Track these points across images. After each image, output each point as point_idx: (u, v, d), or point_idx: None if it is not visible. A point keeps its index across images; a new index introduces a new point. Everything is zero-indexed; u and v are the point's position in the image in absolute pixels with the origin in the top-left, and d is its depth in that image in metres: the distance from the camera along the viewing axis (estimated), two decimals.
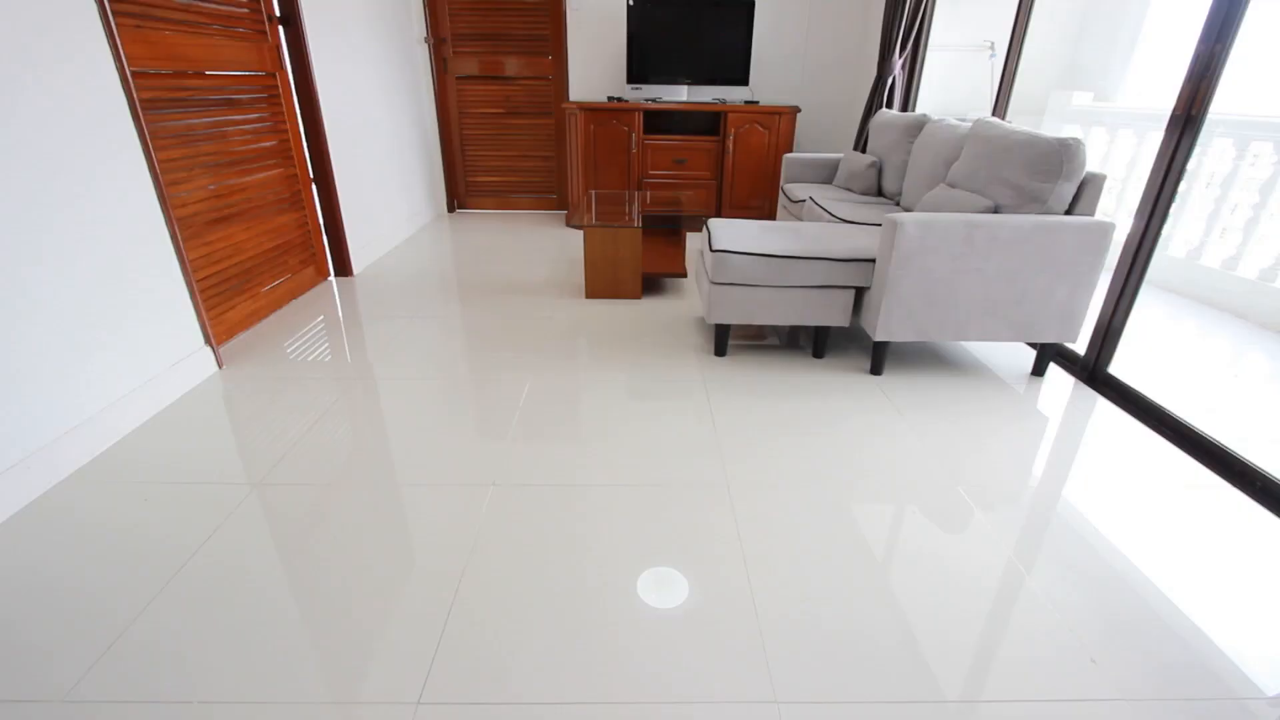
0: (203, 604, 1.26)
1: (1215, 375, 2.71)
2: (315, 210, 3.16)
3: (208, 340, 2.25)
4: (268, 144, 2.76)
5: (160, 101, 2.16)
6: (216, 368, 2.28)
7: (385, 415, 2.00)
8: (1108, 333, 2.27)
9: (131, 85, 1.90)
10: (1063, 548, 1.47)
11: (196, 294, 2.18)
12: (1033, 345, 2.59)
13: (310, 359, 2.39)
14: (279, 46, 2.80)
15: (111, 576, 1.33)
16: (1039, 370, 2.38)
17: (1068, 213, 2.19)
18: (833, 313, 2.35)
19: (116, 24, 1.90)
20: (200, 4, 2.32)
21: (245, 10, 2.58)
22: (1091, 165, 4.20)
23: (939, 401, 2.16)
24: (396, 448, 1.83)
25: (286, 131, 2.88)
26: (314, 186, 3.14)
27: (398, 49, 4.04)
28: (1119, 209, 4.10)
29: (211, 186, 2.42)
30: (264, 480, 1.67)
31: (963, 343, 2.66)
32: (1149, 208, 2.11)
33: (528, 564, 1.38)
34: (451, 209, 4.99)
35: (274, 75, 2.77)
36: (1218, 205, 3.52)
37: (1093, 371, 2.33)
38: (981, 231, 2.07)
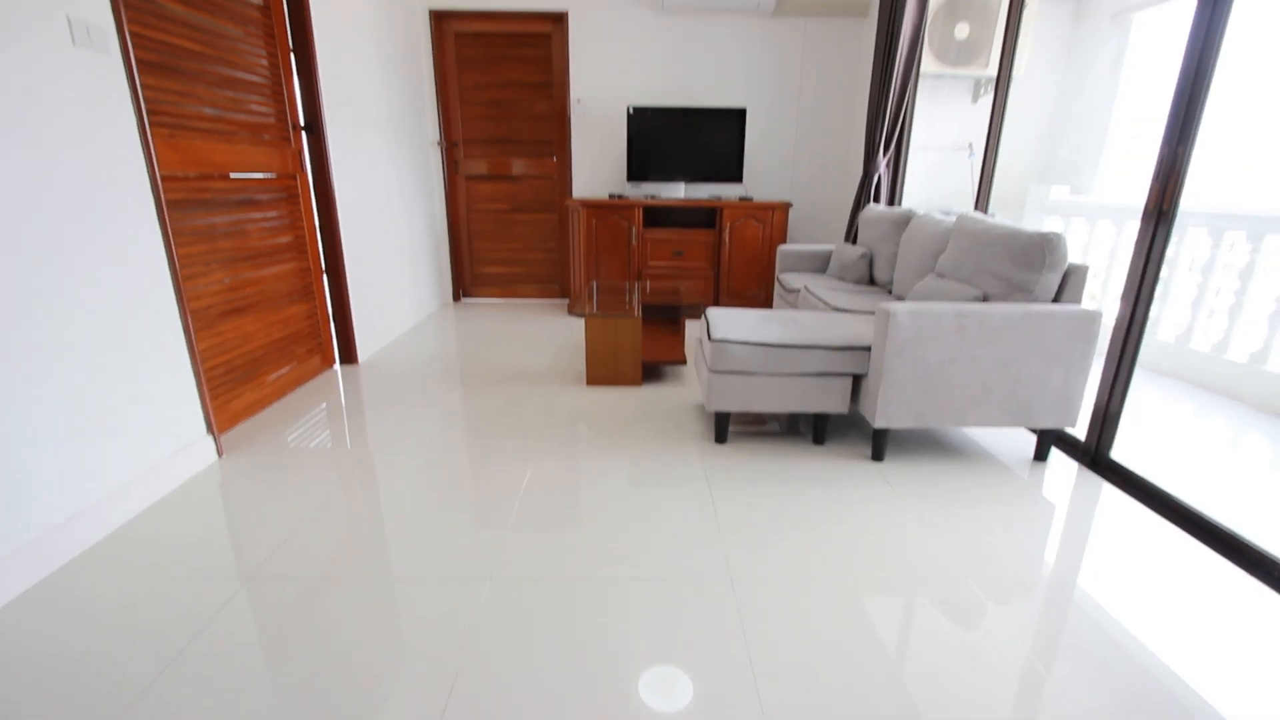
0: (187, 703, 1.20)
1: (1218, 458, 2.70)
2: (325, 301, 3.26)
3: (210, 429, 2.26)
4: (284, 239, 2.89)
5: (185, 203, 2.28)
6: (217, 456, 2.28)
7: (383, 505, 1.98)
8: (1106, 417, 2.28)
9: (160, 189, 2.01)
10: (1081, 641, 1.42)
11: (203, 384, 2.21)
12: (1033, 430, 2.60)
13: (311, 447, 2.39)
14: (301, 150, 2.99)
15: (88, 682, 1.28)
16: (1041, 455, 2.38)
17: (1054, 301, 2.27)
18: (831, 400, 2.37)
19: (153, 134, 2.04)
20: (231, 115, 2.50)
21: (272, 119, 2.77)
22: (1074, 254, 4.36)
23: (943, 489, 2.14)
24: (393, 539, 1.79)
25: (303, 227, 3.02)
26: (325, 277, 3.25)
27: (412, 151, 4.30)
28: (1105, 295, 4.21)
29: (227, 280, 2.51)
30: (255, 574, 1.63)
31: (963, 428, 2.66)
32: (1133, 294, 2.18)
33: (525, 663, 1.33)
34: (457, 298, 5.13)
35: (294, 176, 2.94)
36: (1201, 290, 3.63)
37: (1095, 456, 2.32)
38: (972, 320, 2.13)
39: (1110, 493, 2.15)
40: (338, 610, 1.49)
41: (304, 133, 3.01)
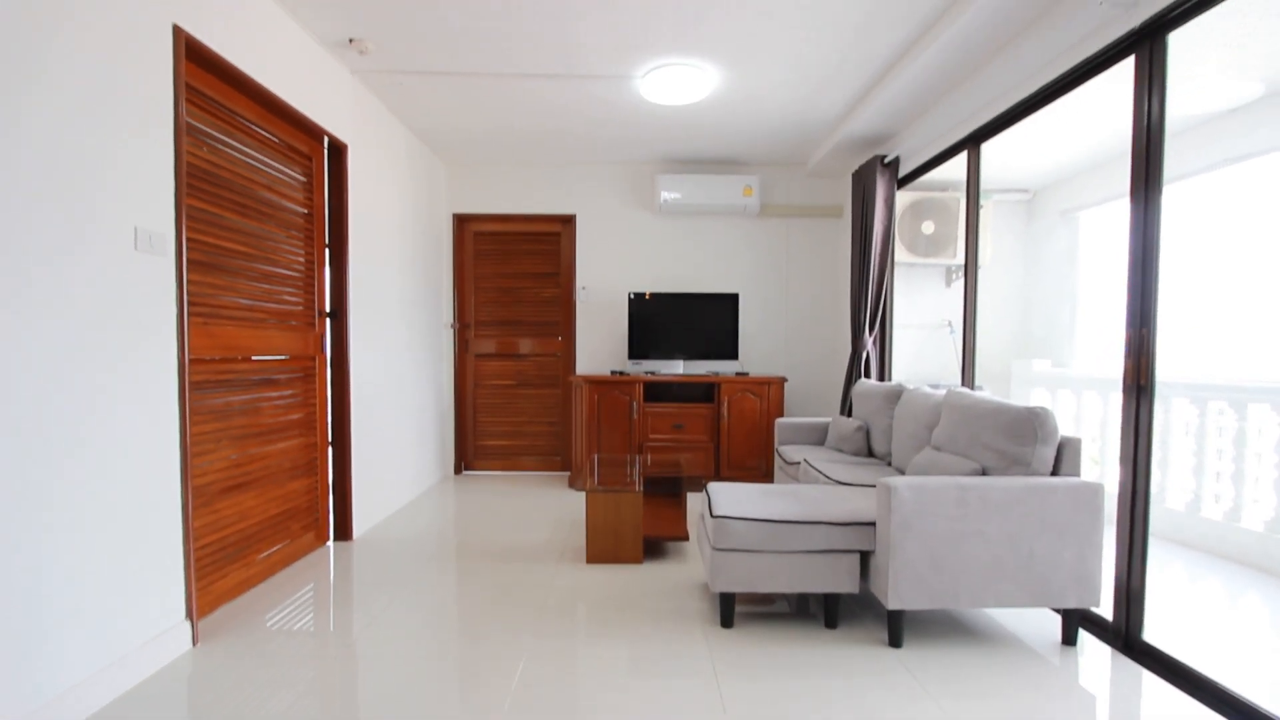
0: None
1: (1258, 638, 2.52)
2: (327, 475, 3.26)
3: (189, 614, 2.15)
4: (295, 416, 2.97)
5: (208, 383, 2.39)
6: (191, 644, 2.14)
7: (360, 703, 1.82)
8: (1129, 594, 2.18)
9: (186, 372, 2.13)
10: None
11: (191, 566, 2.15)
12: (1057, 611, 2.46)
13: (293, 631, 2.25)
14: (324, 334, 3.19)
15: None
16: (1069, 639, 2.23)
17: (1053, 474, 2.28)
18: (839, 579, 2.29)
19: (189, 322, 2.21)
20: (264, 304, 2.72)
21: (301, 307, 3.00)
22: (1066, 425, 4.44)
23: (970, 678, 1.98)
24: None
25: (315, 404, 3.12)
26: (330, 450, 3.29)
27: (426, 332, 4.58)
28: (1106, 462, 4.22)
29: (233, 456, 2.54)
30: None
31: (984, 609, 2.53)
32: (1130, 465, 2.20)
33: None
34: (459, 470, 5.12)
35: (314, 358, 3.11)
36: (1199, 457, 3.64)
37: (1127, 639, 2.18)
38: (973, 494, 2.12)
39: (1151, 682, 1.98)
40: None
41: (328, 318, 3.24)
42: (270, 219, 2.75)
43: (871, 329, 4.18)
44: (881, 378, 4.31)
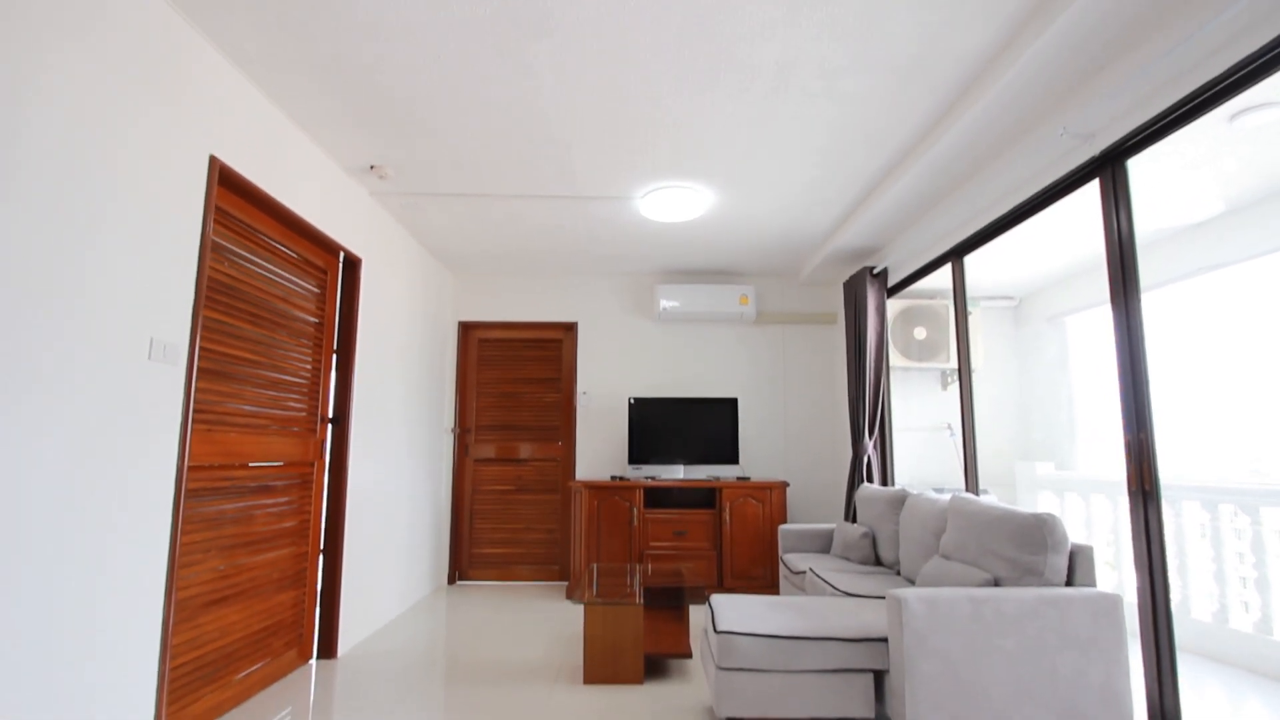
0: None
1: None
2: (316, 586, 3.14)
3: None
4: (289, 524, 2.91)
5: (204, 490, 2.37)
6: None
7: None
8: (1164, 718, 2.04)
9: (184, 479, 2.12)
10: None
11: (165, 689, 2.03)
12: None
13: None
14: (324, 440, 3.19)
15: None
16: None
17: (1068, 584, 2.21)
18: (853, 701, 2.15)
19: (193, 429, 2.23)
20: (267, 410, 2.74)
21: (304, 413, 3.02)
22: (1076, 530, 4.33)
23: None
24: None
25: (309, 511, 3.06)
26: (321, 559, 3.18)
27: (427, 437, 4.57)
28: (1122, 572, 4.07)
29: (221, 567, 2.47)
30: None
31: None
32: (1147, 573, 2.14)
33: None
34: (452, 580, 4.93)
35: (313, 464, 3.09)
36: (1218, 564, 3.52)
37: None
38: (987, 606, 2.05)
39: None
40: None
41: (330, 424, 3.26)
42: (282, 328, 2.84)
43: (871, 433, 4.18)
44: (884, 482, 4.26)
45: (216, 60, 2.28)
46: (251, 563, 2.65)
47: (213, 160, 2.26)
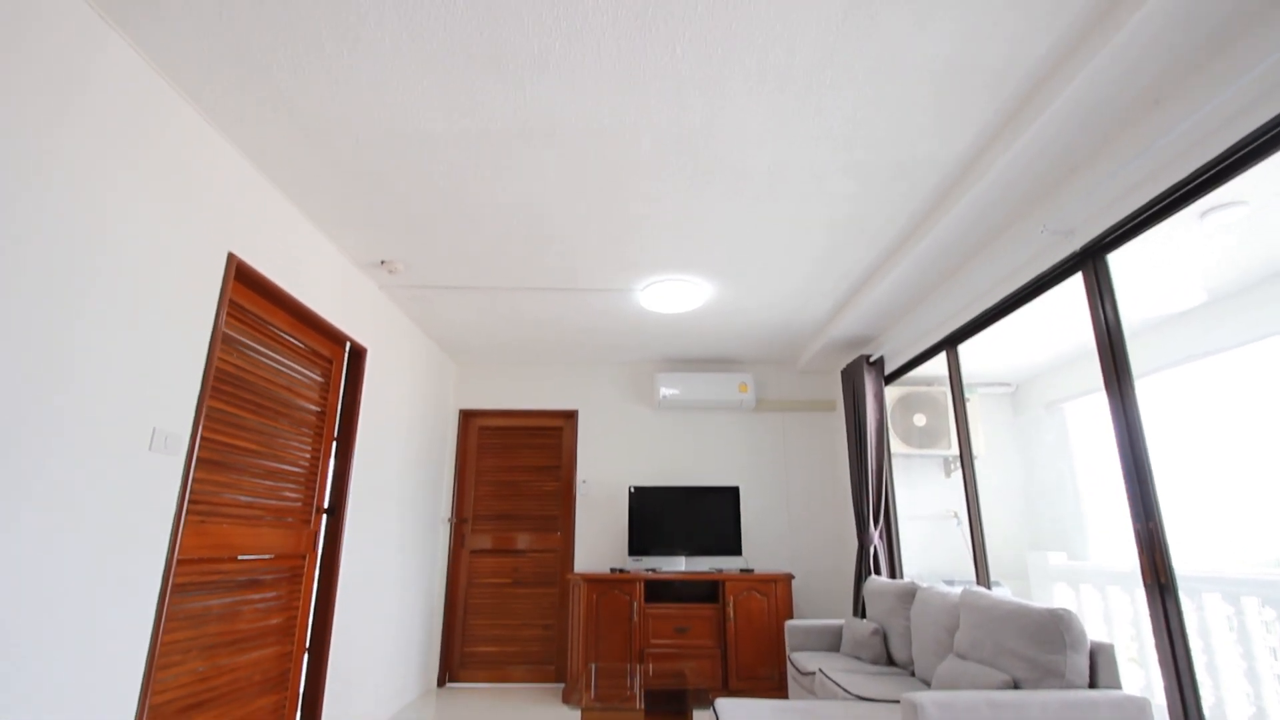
0: None
1: None
2: (298, 690, 2.97)
3: None
4: (275, 621, 2.79)
5: (190, 585, 2.30)
6: None
7: None
8: None
9: (172, 574, 2.06)
10: None
11: None
12: None
13: None
14: (318, 531, 3.12)
15: None
16: None
17: (1091, 686, 2.10)
18: None
19: (186, 520, 2.19)
20: (263, 501, 2.70)
21: (300, 504, 2.98)
22: (1094, 624, 4.15)
23: None
24: None
25: (297, 608, 2.95)
26: (306, 658, 3.03)
27: (422, 528, 4.47)
28: (1147, 669, 3.86)
29: (201, 669, 2.35)
30: None
31: None
32: (1172, 672, 2.04)
33: None
34: (442, 682, 4.66)
35: (304, 556, 3.01)
36: (1249, 661, 3.34)
37: None
38: (1008, 712, 1.94)
39: None
40: None
41: (325, 514, 3.20)
42: (284, 417, 2.85)
43: (876, 522, 4.10)
44: (892, 573, 4.13)
45: (241, 164, 2.42)
46: (233, 664, 2.52)
47: (230, 257, 2.36)
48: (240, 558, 2.58)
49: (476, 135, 2.31)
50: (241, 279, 2.51)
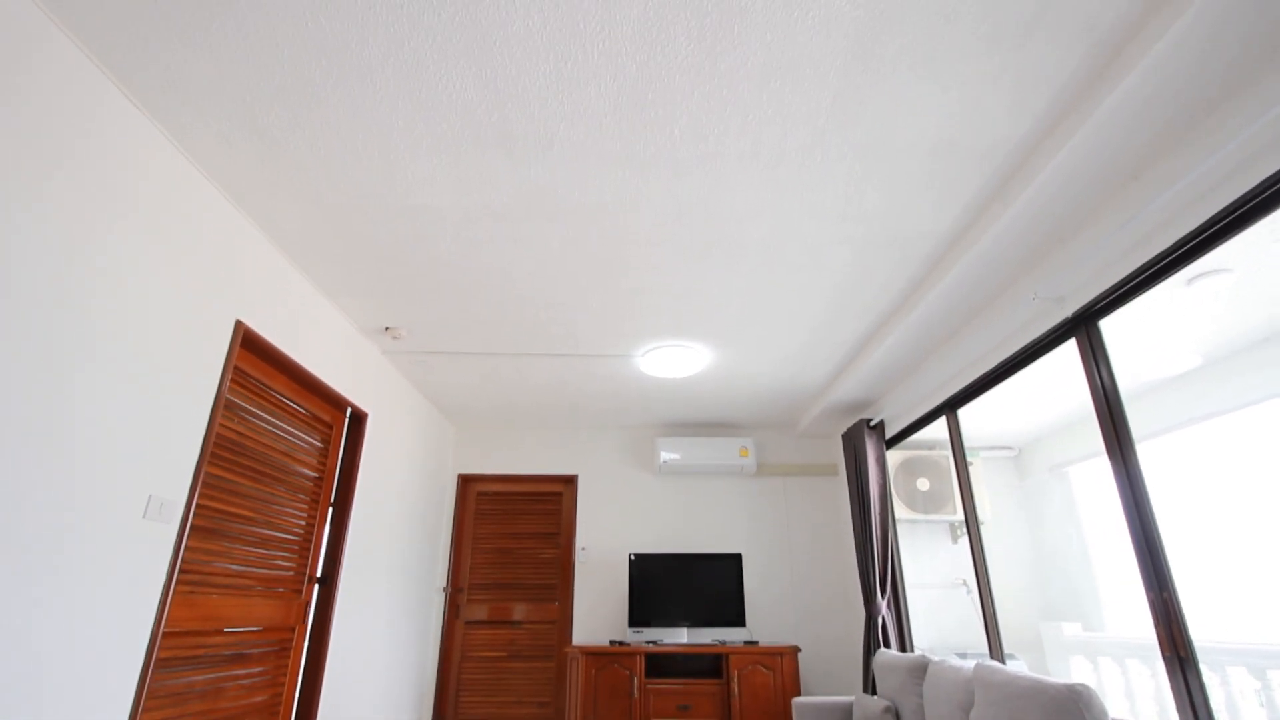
0: None
1: None
2: None
3: None
4: (259, 699, 2.68)
5: (174, 660, 2.21)
6: None
7: None
8: None
9: (156, 647, 1.99)
10: None
11: None
12: None
13: None
14: (309, 602, 3.04)
15: None
16: None
17: None
18: None
19: (175, 591, 2.13)
20: (255, 570, 2.64)
21: (292, 573, 2.91)
22: (1117, 703, 3.97)
23: None
24: None
25: (283, 684, 2.83)
26: None
27: (416, 598, 4.34)
28: None
29: None
30: None
31: None
32: None
33: None
34: None
35: (294, 629, 2.91)
36: None
37: None
38: None
39: None
40: None
41: (317, 584, 3.12)
42: (281, 483, 2.82)
43: (884, 591, 3.99)
44: (902, 646, 3.98)
45: (256, 236, 2.50)
46: None
47: (238, 324, 2.40)
48: (227, 630, 2.51)
49: (482, 208, 2.40)
50: (248, 346, 2.54)
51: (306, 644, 3.03)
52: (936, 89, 1.86)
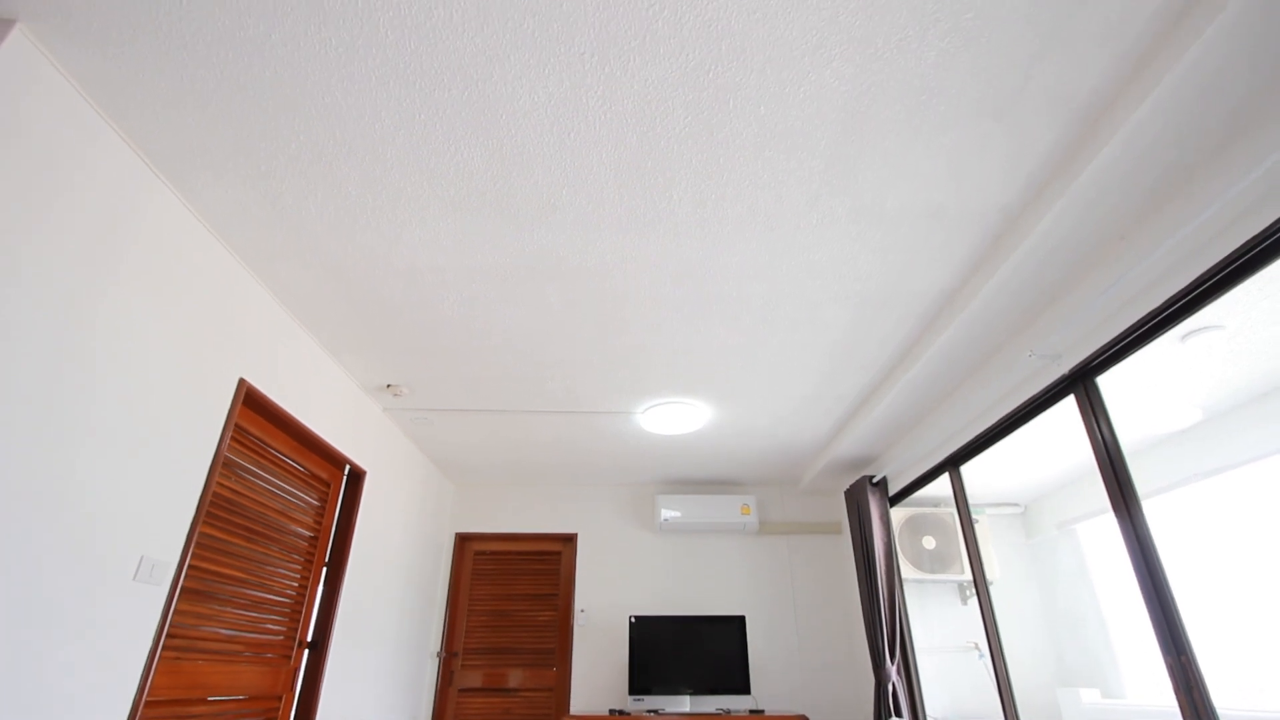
0: None
1: None
2: None
3: None
4: None
5: None
6: None
7: None
8: None
9: (138, 719, 1.92)
10: None
11: None
12: None
13: None
14: (298, 668, 2.93)
15: None
16: None
17: None
18: None
19: (160, 657, 2.07)
20: (244, 634, 2.57)
21: (282, 637, 2.82)
22: None
23: None
24: None
25: None
26: None
27: (409, 665, 4.19)
28: None
29: None
30: None
31: None
32: None
33: None
34: None
35: (280, 698, 2.81)
36: None
37: None
38: None
39: None
40: None
41: (307, 649, 3.02)
42: (275, 543, 2.78)
43: (893, 656, 3.86)
44: (914, 714, 3.82)
45: (262, 296, 2.55)
46: None
47: (241, 382, 2.42)
48: (211, 699, 2.41)
49: (485, 270, 2.45)
50: (249, 403, 2.55)
51: (293, 714, 2.91)
52: (925, 156, 1.94)
